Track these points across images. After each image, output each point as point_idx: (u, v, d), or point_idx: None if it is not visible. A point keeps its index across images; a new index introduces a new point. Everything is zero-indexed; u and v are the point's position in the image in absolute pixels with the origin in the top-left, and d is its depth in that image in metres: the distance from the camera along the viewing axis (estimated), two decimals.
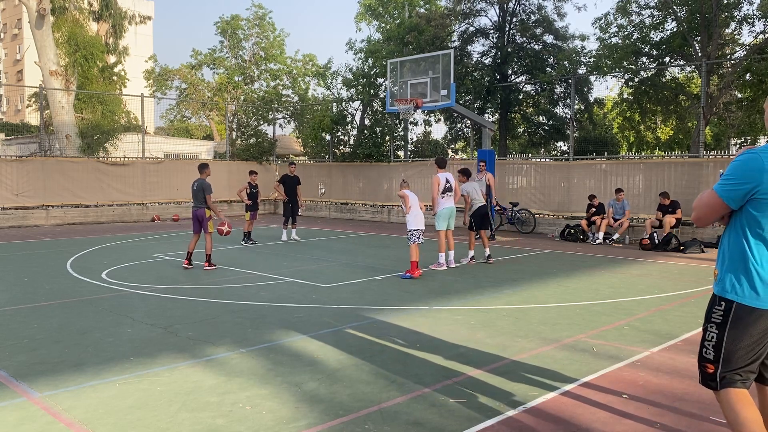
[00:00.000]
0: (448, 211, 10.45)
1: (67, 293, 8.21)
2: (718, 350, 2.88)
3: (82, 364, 5.15)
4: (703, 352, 2.96)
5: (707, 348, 2.93)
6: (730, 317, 2.83)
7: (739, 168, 2.81)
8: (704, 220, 3.01)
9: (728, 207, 2.87)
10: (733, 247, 2.90)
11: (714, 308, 2.92)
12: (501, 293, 8.22)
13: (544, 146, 25.52)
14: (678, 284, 9.10)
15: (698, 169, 14.51)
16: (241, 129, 26.45)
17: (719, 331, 2.87)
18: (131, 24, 28.27)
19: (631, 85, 20.21)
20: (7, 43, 66.91)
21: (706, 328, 2.95)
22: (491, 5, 22.61)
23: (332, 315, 6.96)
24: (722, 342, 2.85)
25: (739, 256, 2.86)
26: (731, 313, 2.83)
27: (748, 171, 2.77)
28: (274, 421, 3.99)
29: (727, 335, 2.84)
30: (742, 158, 2.82)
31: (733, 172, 2.83)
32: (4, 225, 17.93)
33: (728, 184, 2.84)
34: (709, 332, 2.92)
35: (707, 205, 2.93)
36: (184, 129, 51.17)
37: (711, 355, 2.91)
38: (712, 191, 2.90)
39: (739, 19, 17.59)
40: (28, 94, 43.57)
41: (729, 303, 2.85)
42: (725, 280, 2.90)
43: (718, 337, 2.87)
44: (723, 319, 2.86)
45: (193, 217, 10.55)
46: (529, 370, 4.99)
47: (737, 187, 2.81)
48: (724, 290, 2.89)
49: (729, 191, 2.84)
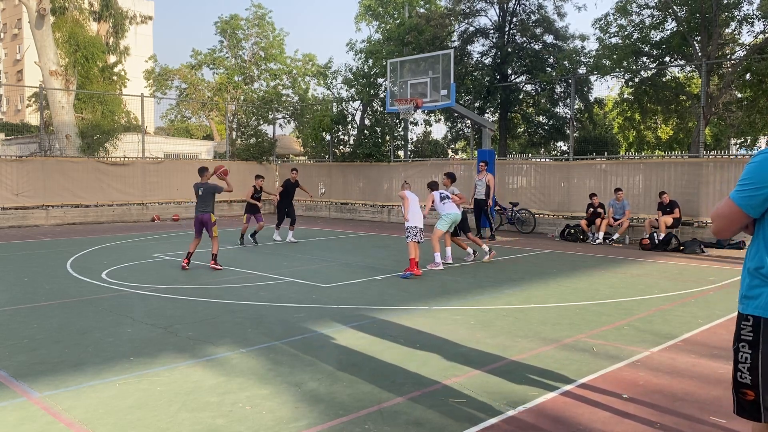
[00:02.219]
0: (454, 216, 10.50)
1: (67, 293, 8.21)
2: (754, 373, 2.50)
3: (82, 364, 5.15)
4: (738, 377, 2.56)
5: (742, 372, 2.54)
6: (761, 333, 2.49)
7: (756, 170, 2.48)
8: (725, 233, 2.64)
9: (748, 216, 2.52)
10: (755, 259, 2.55)
11: (742, 324, 2.56)
12: (501, 293, 8.22)
13: (544, 146, 25.51)
14: (678, 284, 9.10)
15: (698, 169, 14.51)
16: (241, 129, 26.45)
17: (753, 351, 2.50)
18: (131, 24, 28.27)
19: (632, 85, 20.21)
20: (7, 43, 66.91)
21: (736, 349, 2.58)
22: (491, 5, 22.60)
23: (332, 315, 6.96)
24: (758, 363, 2.49)
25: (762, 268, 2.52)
26: (761, 328, 2.49)
27: (766, 173, 2.45)
28: (274, 421, 3.99)
29: (762, 354, 2.48)
30: (757, 159, 2.50)
31: (748, 176, 2.50)
32: (4, 225, 17.93)
33: (745, 190, 2.50)
34: (741, 353, 2.54)
35: (724, 215, 2.57)
36: (184, 129, 51.17)
37: (747, 379, 2.52)
38: (728, 199, 2.55)
39: (739, 19, 17.58)
40: (28, 94, 43.58)
41: (756, 319, 2.51)
42: (749, 296, 2.55)
43: (753, 358, 2.50)
44: (754, 337, 2.50)
45: (196, 221, 10.36)
46: (529, 370, 4.99)
47: (755, 192, 2.46)
48: (748, 306, 2.54)
49: (746, 198, 2.49)
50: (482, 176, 14.69)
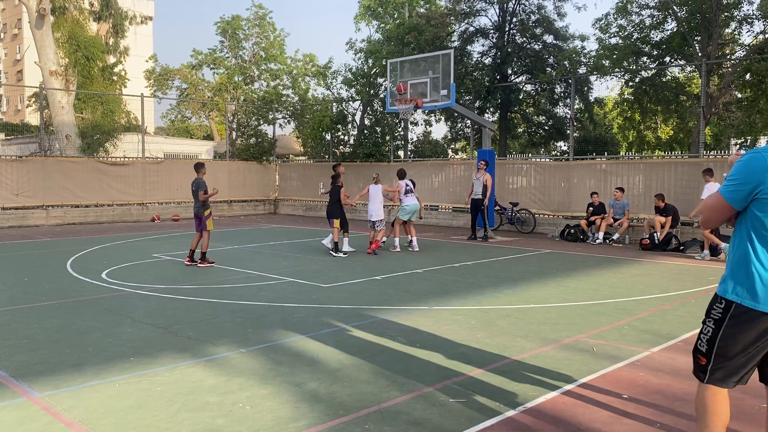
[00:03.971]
0: (413, 207, 12.71)
1: (67, 293, 8.21)
2: (711, 345, 2.95)
3: (82, 364, 5.15)
4: (698, 344, 3.05)
5: (702, 341, 3.02)
6: (728, 316, 2.88)
7: (742, 168, 2.82)
8: (710, 223, 3.06)
9: (733, 208, 2.88)
10: (737, 248, 2.92)
11: (714, 305, 2.98)
12: (501, 293, 8.22)
13: (544, 146, 25.52)
14: (678, 284, 9.10)
15: (698, 169, 14.46)
16: (241, 129, 26.45)
17: (715, 327, 2.94)
18: (131, 24, 28.28)
19: (632, 85, 20.21)
20: (7, 43, 66.92)
21: (704, 321, 3.02)
22: (491, 5, 22.60)
23: (332, 315, 6.96)
24: (716, 338, 2.92)
25: (742, 257, 2.88)
26: (729, 312, 2.88)
27: (751, 171, 2.77)
28: (274, 421, 3.99)
29: (722, 332, 2.90)
30: (745, 158, 2.83)
31: (736, 173, 2.84)
32: (4, 225, 17.92)
33: (731, 185, 2.85)
34: (706, 326, 3.00)
35: (712, 207, 2.96)
36: (184, 129, 51.15)
37: (704, 348, 2.99)
38: (716, 193, 2.92)
39: (739, 19, 17.59)
40: (28, 94, 43.57)
41: (729, 303, 2.89)
42: (727, 281, 2.93)
43: (714, 333, 2.94)
44: (721, 317, 2.92)
45: (194, 217, 10.71)
46: (529, 370, 4.99)
47: (740, 187, 2.81)
48: (725, 290, 2.92)
49: (732, 192, 2.85)
50: (480, 175, 14.67)
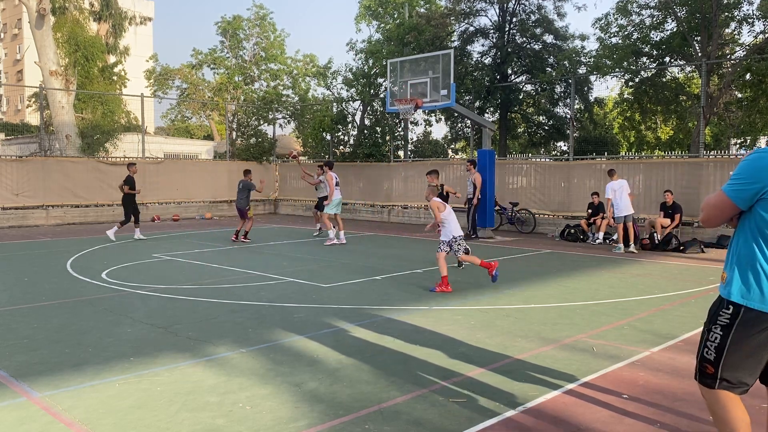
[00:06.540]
0: (340, 200, 14.47)
1: (67, 293, 8.21)
2: (719, 352, 2.80)
3: (82, 364, 5.15)
4: (704, 352, 2.87)
5: (709, 348, 2.84)
6: (737, 321, 2.75)
7: (748, 167, 2.73)
8: (713, 222, 2.93)
9: (737, 208, 2.79)
10: (742, 249, 2.81)
11: (721, 311, 2.83)
12: (501, 293, 8.22)
13: (544, 146, 25.52)
14: (678, 284, 9.10)
15: (698, 169, 14.50)
16: (241, 129, 26.44)
17: (723, 333, 2.79)
18: (131, 24, 28.27)
19: (632, 85, 20.21)
20: (7, 43, 66.91)
21: (709, 328, 2.86)
22: (491, 5, 22.61)
23: (332, 315, 6.96)
24: (725, 345, 2.78)
25: (747, 258, 2.77)
26: (738, 317, 2.75)
27: (757, 170, 2.69)
28: (274, 421, 3.99)
29: (731, 339, 2.76)
30: (751, 157, 2.75)
31: (741, 172, 2.74)
32: (4, 225, 17.92)
33: (737, 184, 2.75)
34: (712, 333, 2.84)
35: (715, 205, 2.85)
36: (185, 129, 51.14)
37: (712, 356, 2.83)
38: (720, 191, 2.82)
39: (739, 19, 17.60)
40: (28, 94, 43.56)
41: (737, 307, 2.76)
42: (733, 284, 2.80)
43: (722, 340, 2.79)
44: (729, 322, 2.77)
45: (237, 210, 14.35)
46: (529, 370, 4.99)
47: (746, 186, 2.72)
48: (731, 293, 2.79)
49: (738, 191, 2.75)
50: (470, 175, 15.42)
